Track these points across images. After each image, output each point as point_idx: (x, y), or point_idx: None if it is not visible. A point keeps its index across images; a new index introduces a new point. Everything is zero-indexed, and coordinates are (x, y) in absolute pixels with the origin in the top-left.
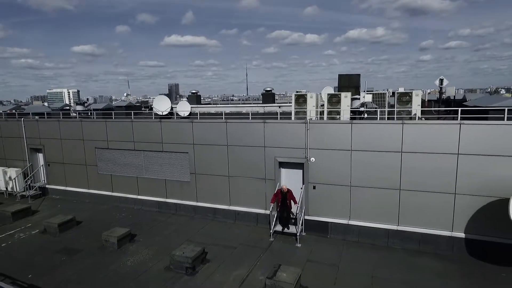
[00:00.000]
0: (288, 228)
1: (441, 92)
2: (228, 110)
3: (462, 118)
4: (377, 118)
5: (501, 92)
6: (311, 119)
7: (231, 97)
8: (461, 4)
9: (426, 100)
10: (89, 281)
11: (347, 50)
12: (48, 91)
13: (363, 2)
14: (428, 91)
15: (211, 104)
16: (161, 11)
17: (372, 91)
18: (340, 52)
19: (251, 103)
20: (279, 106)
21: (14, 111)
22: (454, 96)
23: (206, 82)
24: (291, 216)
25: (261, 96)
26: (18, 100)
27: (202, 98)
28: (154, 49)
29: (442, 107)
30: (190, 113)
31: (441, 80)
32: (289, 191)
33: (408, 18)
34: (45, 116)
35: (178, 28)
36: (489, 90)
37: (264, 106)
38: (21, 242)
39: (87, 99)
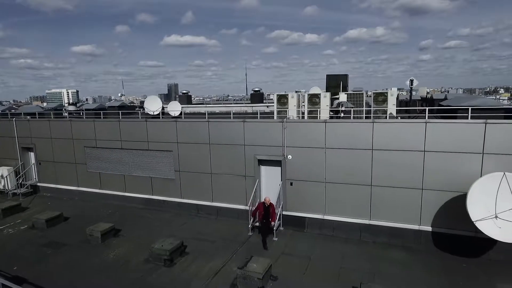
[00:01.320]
0: (267, 248)
1: (411, 92)
2: (218, 110)
3: (429, 117)
4: (354, 117)
5: (500, 91)
6: (287, 118)
7: (227, 97)
8: (461, 3)
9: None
10: (71, 272)
11: (347, 49)
12: (47, 91)
13: (362, 2)
14: (427, 90)
15: (203, 104)
16: (161, 11)
17: (361, 91)
18: (339, 52)
19: (242, 103)
20: (267, 106)
21: (7, 111)
22: (426, 96)
23: (206, 82)
24: (271, 231)
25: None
26: (17, 100)
27: (193, 98)
28: (154, 49)
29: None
30: (181, 113)
31: (411, 81)
32: (271, 205)
33: (407, 18)
34: (37, 116)
35: (178, 28)
36: (488, 89)
37: (252, 106)
38: (9, 237)
39: (86, 99)
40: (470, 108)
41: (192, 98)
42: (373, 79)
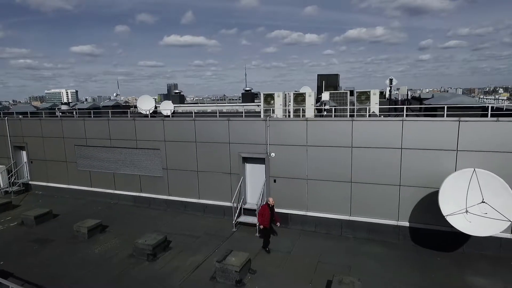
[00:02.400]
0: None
1: (391, 91)
2: (210, 109)
3: (407, 115)
4: (340, 115)
5: (500, 91)
6: (270, 116)
7: (223, 97)
8: (461, 3)
9: (408, 98)
10: (55, 266)
11: (347, 49)
12: (46, 91)
13: (362, 2)
14: (427, 90)
15: (196, 103)
16: (161, 11)
17: (353, 90)
18: (339, 52)
19: (236, 103)
20: (258, 105)
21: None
22: (407, 95)
23: (206, 82)
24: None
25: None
26: (16, 100)
27: (192, 98)
28: (153, 49)
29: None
30: (174, 112)
31: (391, 80)
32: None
33: (407, 18)
34: (29, 115)
35: (178, 28)
36: (487, 89)
37: (243, 105)
38: None
39: (86, 99)
40: (446, 106)
41: (191, 98)
42: (372, 79)
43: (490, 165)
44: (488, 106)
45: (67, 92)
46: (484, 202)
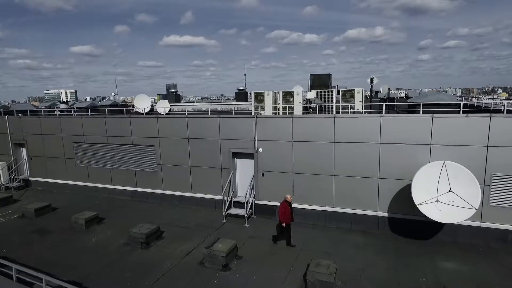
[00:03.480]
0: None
1: (371, 90)
2: (204, 108)
3: (386, 112)
4: (327, 112)
5: (498, 91)
6: (258, 113)
7: (220, 96)
8: (461, 3)
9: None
10: (54, 254)
11: (346, 49)
12: (45, 91)
13: (362, 2)
14: (426, 90)
15: (193, 102)
16: (161, 11)
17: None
18: (339, 52)
19: (232, 102)
20: (251, 104)
21: (0, 109)
22: (388, 94)
23: (205, 82)
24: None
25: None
26: (15, 101)
27: (192, 98)
28: (153, 49)
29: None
30: (170, 110)
31: (372, 79)
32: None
33: (407, 18)
34: (28, 113)
35: (177, 28)
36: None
37: (237, 104)
38: (0, 225)
39: (85, 99)
40: (421, 104)
41: (190, 98)
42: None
43: (460, 158)
44: (461, 103)
45: (66, 93)
46: (451, 191)
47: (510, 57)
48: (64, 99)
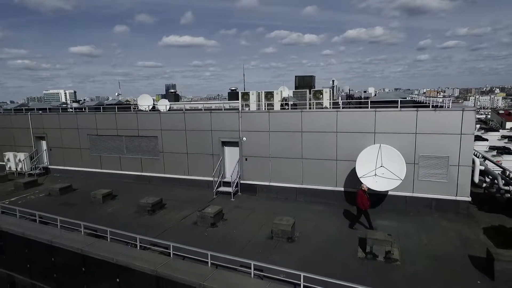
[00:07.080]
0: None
1: (333, 89)
2: (200, 106)
3: (343, 108)
4: (301, 108)
5: (496, 91)
6: (242, 110)
7: (216, 96)
8: (460, 3)
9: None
10: (79, 219)
11: (345, 50)
12: (44, 92)
13: (361, 2)
14: (424, 90)
15: (190, 101)
16: (160, 11)
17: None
18: (338, 52)
19: (226, 100)
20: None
21: (22, 107)
22: (349, 92)
23: (204, 82)
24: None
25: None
26: (14, 101)
27: (191, 98)
28: (152, 49)
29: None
30: (170, 108)
31: (333, 81)
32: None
33: (406, 18)
34: (47, 111)
35: (177, 28)
36: (484, 89)
37: (229, 103)
38: (32, 201)
39: (84, 100)
40: (369, 100)
41: (190, 98)
42: (371, 79)
43: (396, 143)
44: (398, 100)
45: (65, 93)
46: (382, 166)
47: (509, 57)
48: (64, 100)
